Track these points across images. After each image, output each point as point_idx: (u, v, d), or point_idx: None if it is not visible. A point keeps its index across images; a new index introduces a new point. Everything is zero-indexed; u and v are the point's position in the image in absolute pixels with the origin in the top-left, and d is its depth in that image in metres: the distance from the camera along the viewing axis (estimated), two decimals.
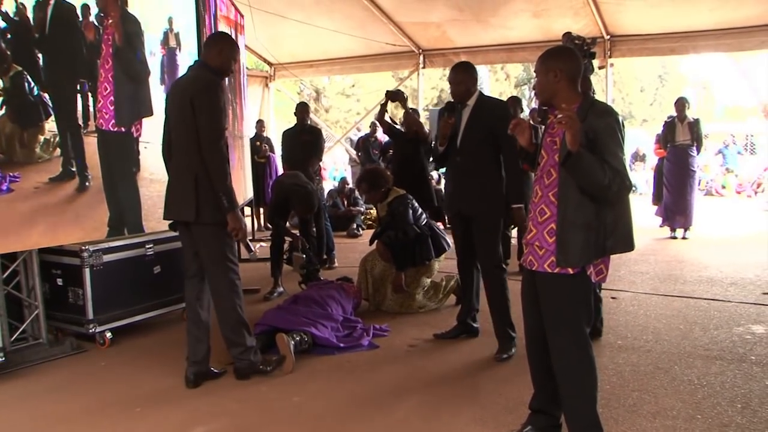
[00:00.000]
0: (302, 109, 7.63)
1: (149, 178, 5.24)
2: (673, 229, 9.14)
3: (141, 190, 5.17)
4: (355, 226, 10.44)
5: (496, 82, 28.88)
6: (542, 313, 2.92)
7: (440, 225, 6.64)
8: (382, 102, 6.92)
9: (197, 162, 3.72)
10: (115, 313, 4.77)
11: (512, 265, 7.22)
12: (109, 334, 4.70)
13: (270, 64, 13.61)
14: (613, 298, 5.73)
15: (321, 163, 8.81)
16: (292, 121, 7.87)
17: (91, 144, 4.78)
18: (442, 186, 11.41)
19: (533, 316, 3.01)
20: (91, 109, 4.78)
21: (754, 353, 4.31)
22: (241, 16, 8.19)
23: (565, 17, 9.51)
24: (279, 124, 15.54)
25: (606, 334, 4.74)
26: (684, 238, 9.04)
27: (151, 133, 5.17)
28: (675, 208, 9.07)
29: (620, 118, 2.80)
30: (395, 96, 6.73)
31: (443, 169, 7.66)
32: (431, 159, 5.31)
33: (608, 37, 10.04)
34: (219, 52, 3.86)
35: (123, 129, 5.01)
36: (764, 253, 7.70)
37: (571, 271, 2.78)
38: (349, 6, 10.32)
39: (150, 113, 5.22)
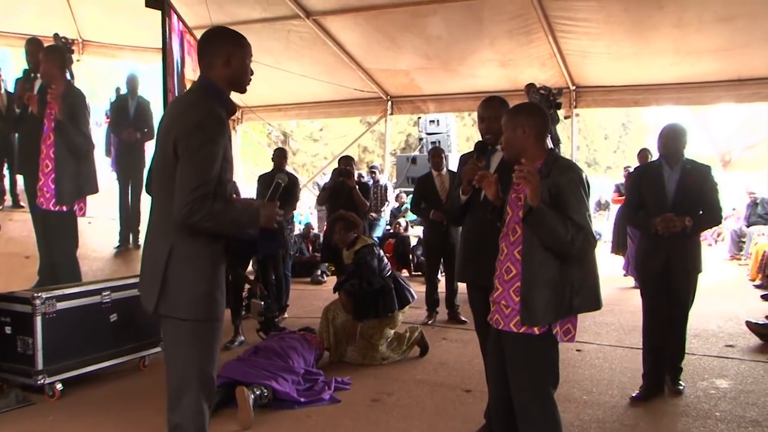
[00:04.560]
0: (280, 155, 7.57)
1: (93, 255, 5.09)
2: (637, 279, 9.14)
3: (83, 269, 5.01)
4: (319, 272, 10.31)
5: (464, 126, 29.20)
6: (508, 373, 2.86)
7: (404, 272, 6.56)
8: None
9: (177, 226, 2.60)
10: (67, 363, 4.58)
11: (442, 313, 7.25)
12: (59, 386, 4.51)
13: (238, 107, 13.52)
14: (577, 350, 5.69)
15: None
16: (259, 164, 7.86)
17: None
18: (410, 233, 11.40)
19: (499, 375, 2.95)
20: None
21: (719, 409, 4.27)
22: None
23: (532, 68, 9.70)
24: (246, 167, 15.46)
25: (571, 389, 4.69)
26: None
27: (97, 208, 5.08)
28: None
29: (584, 174, 2.80)
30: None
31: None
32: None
33: (574, 87, 10.25)
34: (227, 61, 2.72)
35: (65, 208, 4.86)
36: (726, 303, 7.76)
37: (536, 330, 2.73)
38: (318, 52, 10.39)
39: (95, 190, 5.06)
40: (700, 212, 4.44)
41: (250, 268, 7.02)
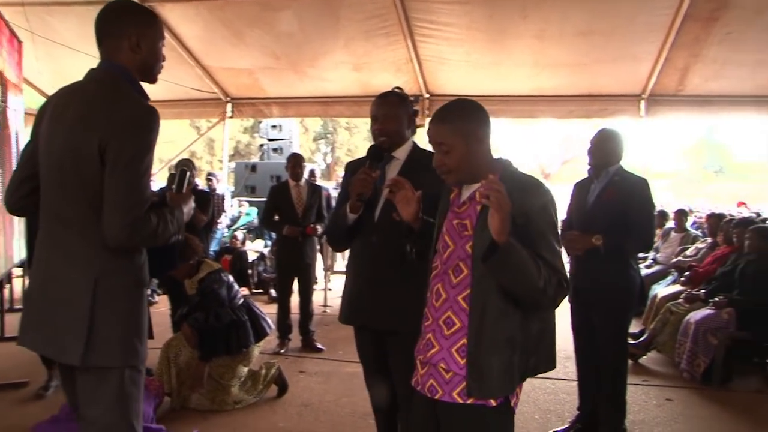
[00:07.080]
0: None
1: None
2: None
3: None
4: (149, 291, 9.15)
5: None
6: None
7: (244, 291, 5.67)
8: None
9: (101, 253, 2.12)
10: None
11: (295, 340, 6.58)
12: None
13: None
14: None
15: None
16: None
17: None
18: (248, 247, 10.51)
19: None
20: None
21: None
22: (19, 42, 6.80)
23: (386, 72, 9.16)
24: None
25: None
26: None
27: None
28: None
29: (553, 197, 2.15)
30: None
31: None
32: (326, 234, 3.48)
33: (428, 95, 9.84)
34: (136, 44, 2.24)
35: None
36: None
37: (493, 402, 2.06)
38: None
39: None
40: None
41: None
